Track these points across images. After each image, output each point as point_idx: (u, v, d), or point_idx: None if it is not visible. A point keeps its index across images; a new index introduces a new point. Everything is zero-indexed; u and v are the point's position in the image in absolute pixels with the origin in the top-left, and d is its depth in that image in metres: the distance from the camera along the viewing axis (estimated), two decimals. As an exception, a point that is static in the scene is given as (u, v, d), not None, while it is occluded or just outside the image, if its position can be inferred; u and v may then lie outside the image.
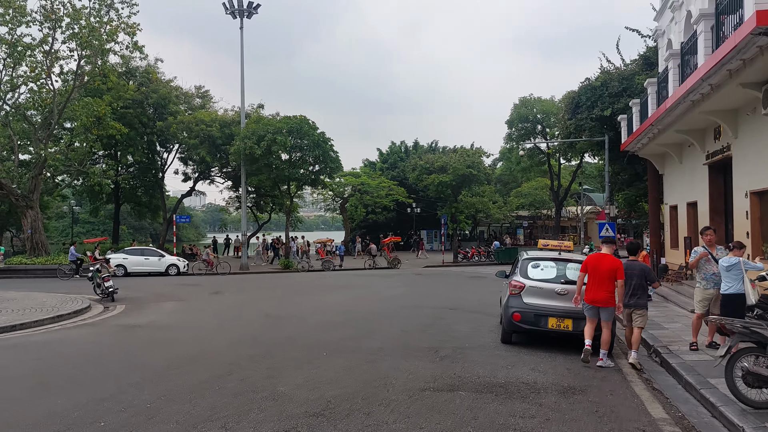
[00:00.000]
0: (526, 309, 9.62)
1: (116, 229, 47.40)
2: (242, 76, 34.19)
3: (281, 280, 25.95)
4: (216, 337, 10.55)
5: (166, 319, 13.40)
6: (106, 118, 32.85)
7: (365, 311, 14.06)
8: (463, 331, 11.18)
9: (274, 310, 14.63)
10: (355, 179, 47.70)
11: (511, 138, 46.66)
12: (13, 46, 29.45)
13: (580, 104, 28.04)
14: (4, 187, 30.91)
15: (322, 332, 10.88)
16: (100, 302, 17.26)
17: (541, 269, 10.07)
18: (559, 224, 50.24)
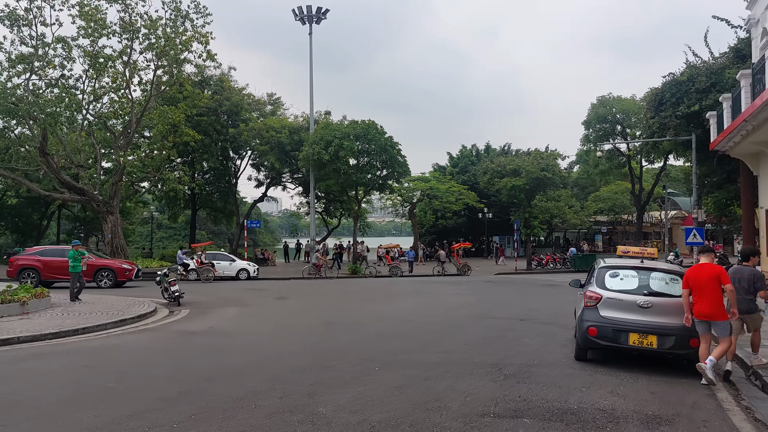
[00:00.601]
0: (603, 323, 8.60)
1: (193, 234, 48.83)
2: (311, 82, 34.31)
3: (348, 285, 25.58)
4: (269, 346, 10.12)
5: (225, 325, 13.17)
6: (181, 126, 33.75)
7: (427, 321, 13.31)
8: (533, 345, 10.24)
9: (334, 317, 14.15)
10: (424, 184, 47.00)
11: (589, 139, 44.46)
12: (94, 58, 30.71)
13: (664, 101, 26.18)
14: (87, 194, 32.26)
15: (379, 343, 10.24)
16: (167, 306, 17.38)
17: (620, 279, 9.00)
18: (641, 230, 47.47)
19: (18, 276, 22.99)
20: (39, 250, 25.29)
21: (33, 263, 23.62)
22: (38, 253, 24.53)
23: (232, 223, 49.14)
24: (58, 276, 23.11)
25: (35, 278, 23.06)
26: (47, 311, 14.81)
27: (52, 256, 23.94)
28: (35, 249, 26.05)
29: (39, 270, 23.41)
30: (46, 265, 23.48)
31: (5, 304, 13.74)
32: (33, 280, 22.64)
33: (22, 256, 24.46)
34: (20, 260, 23.88)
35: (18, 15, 28.85)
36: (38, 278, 23.13)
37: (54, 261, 23.42)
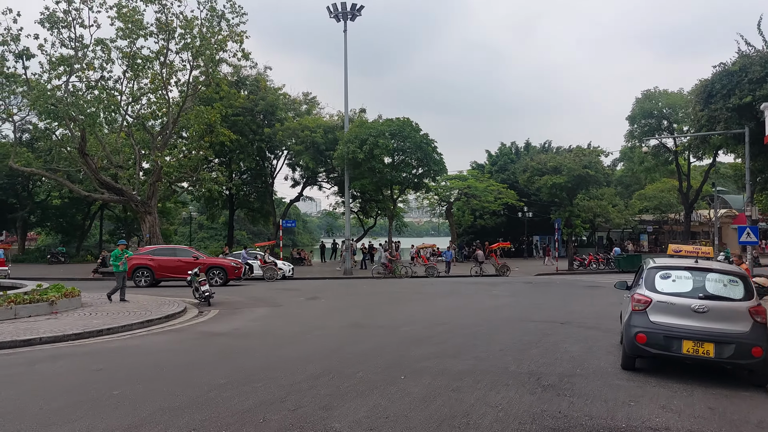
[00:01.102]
0: (653, 329, 7.79)
1: (231, 234, 49.16)
2: (345, 80, 33.86)
3: (382, 286, 25.01)
4: (292, 349, 9.62)
5: (251, 326, 12.76)
6: (217, 126, 33.78)
7: (461, 324, 12.62)
8: (574, 351, 9.45)
9: (363, 319, 13.59)
10: (461, 182, 46.12)
11: (633, 135, 42.82)
12: (132, 59, 30.95)
13: (714, 93, 24.78)
14: (125, 194, 32.56)
15: (408, 348, 9.61)
16: (197, 306, 17.14)
17: (672, 280, 8.16)
18: (689, 229, 45.54)
19: (132, 275, 23.28)
20: (151, 250, 25.66)
21: (146, 262, 24.03)
22: (151, 253, 24.92)
23: (269, 223, 49.19)
24: (170, 275, 23.84)
25: (149, 277, 23.71)
26: (77, 311, 14.69)
27: (163, 256, 24.51)
28: (148, 248, 26.43)
29: (152, 269, 23.90)
30: (159, 264, 23.98)
31: (33, 303, 13.65)
32: (146, 279, 23.55)
33: (135, 256, 24.60)
34: (134, 260, 23.92)
35: (57, 18, 29.26)
36: (152, 277, 23.74)
37: (166, 260, 24.09)
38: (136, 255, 24.74)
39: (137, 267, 23.69)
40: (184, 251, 25.77)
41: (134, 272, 23.44)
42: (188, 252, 25.64)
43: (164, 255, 24.54)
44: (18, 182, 43.90)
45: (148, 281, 23.61)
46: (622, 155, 56.15)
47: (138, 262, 23.85)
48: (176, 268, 23.67)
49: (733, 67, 24.06)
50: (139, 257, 24.37)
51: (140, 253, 25.00)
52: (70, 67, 29.68)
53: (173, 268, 23.71)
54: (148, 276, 23.74)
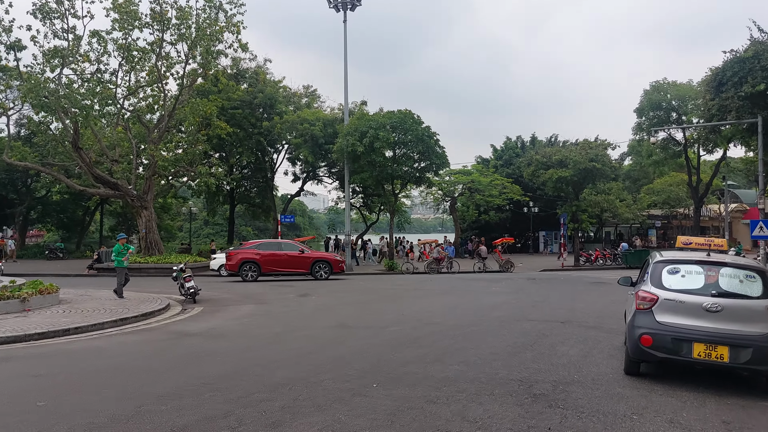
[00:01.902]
0: (660, 330, 6.94)
1: (231, 230, 48.48)
2: (345, 71, 33.02)
3: (380, 282, 24.22)
4: (263, 352, 8.81)
5: (230, 325, 11.99)
6: (213, 118, 33.02)
7: (454, 324, 11.79)
8: (572, 355, 8.61)
9: (351, 318, 12.79)
10: (465, 177, 45.19)
11: (641, 128, 41.62)
12: (127, 50, 30.24)
13: (725, 81, 23.77)
14: (121, 189, 31.89)
15: (391, 351, 8.80)
16: (183, 303, 16.43)
17: (681, 276, 7.28)
18: (698, 224, 44.38)
19: (239, 269, 23.68)
20: (257, 244, 25.82)
21: (253, 256, 24.06)
22: (256, 247, 25.05)
23: (269, 218, 48.50)
24: (276, 269, 24.07)
25: (256, 271, 23.78)
26: (51, 309, 13.97)
27: (269, 250, 24.66)
28: (253, 242, 26.71)
29: (259, 263, 23.89)
30: (265, 258, 24.01)
31: (4, 300, 12.93)
32: (253, 273, 23.66)
33: (242, 250, 24.89)
34: (241, 254, 24.29)
35: (50, 8, 28.57)
36: (258, 271, 23.82)
37: (272, 254, 24.28)
38: (242, 249, 25.04)
39: (245, 261, 23.88)
40: (289, 245, 26.25)
41: (241, 266, 23.74)
42: (294, 246, 26.03)
43: (270, 249, 24.75)
44: (17, 177, 43.37)
45: (255, 275, 23.74)
46: (630, 149, 54.96)
47: (245, 257, 24.06)
48: (282, 262, 24.12)
49: (745, 54, 23.04)
50: (245, 251, 24.54)
51: (246, 248, 25.10)
52: (63, 59, 29.02)
53: (279, 261, 24.09)
54: (255, 270, 23.81)
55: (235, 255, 24.32)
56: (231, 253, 24.88)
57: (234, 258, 24.10)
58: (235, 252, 24.90)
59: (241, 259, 23.87)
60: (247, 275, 23.68)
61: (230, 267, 24.12)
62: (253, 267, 23.77)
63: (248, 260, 23.87)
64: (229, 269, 24.35)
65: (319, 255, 25.98)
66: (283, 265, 24.14)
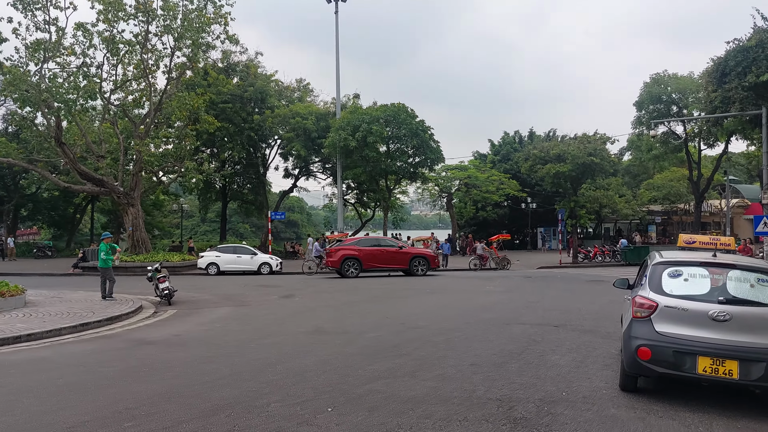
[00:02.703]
0: (660, 342, 6.09)
1: (223, 227, 47.63)
2: (337, 63, 32.20)
3: (370, 281, 23.32)
4: (221, 364, 7.93)
5: (197, 331, 11.17)
6: (201, 113, 32.13)
7: (439, 328, 10.95)
8: (563, 365, 7.76)
9: (330, 322, 11.95)
10: (462, 173, 44.34)
11: (641, 122, 40.64)
12: (112, 42, 29.35)
13: (728, 71, 22.88)
14: (106, 185, 31.04)
15: (362, 362, 7.95)
16: (158, 305, 15.61)
17: (684, 280, 6.43)
18: (699, 219, 43.49)
19: (341, 266, 23.91)
20: (356, 240, 26.14)
21: (354, 253, 24.18)
22: (356, 243, 25.27)
23: (263, 215, 47.65)
24: (376, 265, 24.17)
25: (357, 268, 24.00)
26: (12, 312, 13.13)
27: (368, 246, 24.82)
28: (353, 239, 27.02)
29: (360, 259, 24.01)
30: (366, 254, 24.14)
31: (-41, 303, 12.12)
32: (354, 270, 23.89)
33: (343, 247, 24.85)
34: (342, 250, 24.33)
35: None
36: (360, 267, 24.02)
37: (372, 250, 24.39)
38: (343, 246, 24.99)
39: (346, 257, 24.04)
40: (387, 241, 26.61)
41: (343, 262, 23.93)
42: (392, 242, 26.32)
43: (369, 245, 24.89)
44: (5, 174, 42.49)
45: (356, 272, 23.98)
46: (630, 144, 54.08)
47: (346, 253, 24.20)
48: (381, 258, 24.20)
49: (748, 43, 22.14)
50: (347, 248, 24.61)
51: (347, 244, 25.18)
52: (46, 51, 28.14)
53: (379, 258, 24.15)
54: (357, 267, 24.03)
55: (337, 252, 24.37)
56: (332, 250, 24.81)
57: (336, 255, 24.18)
58: (335, 249, 24.80)
59: (342, 255, 23.95)
60: (349, 271, 23.82)
61: (332, 263, 24.22)
62: (355, 264, 23.91)
63: (350, 257, 23.94)
64: (331, 266, 24.47)
65: (416, 251, 25.88)
66: (382, 261, 24.18)
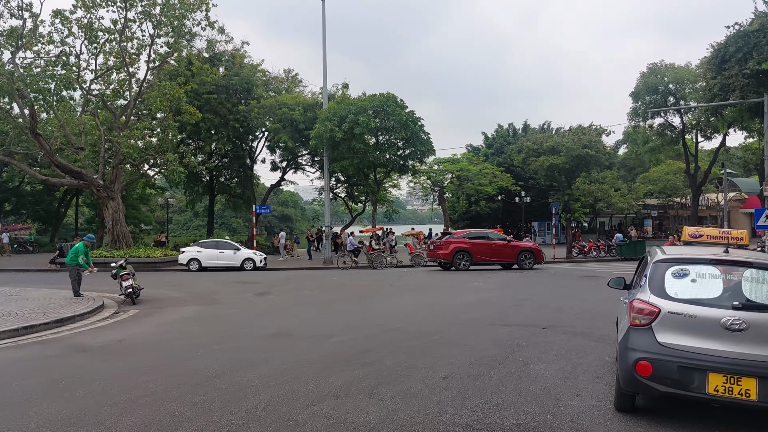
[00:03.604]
0: (662, 356, 5.09)
1: (211, 222, 46.51)
2: (324, 51, 30.97)
3: (356, 278, 22.39)
4: (151, 377, 6.86)
5: (150, 334, 10.16)
6: (182, 103, 30.99)
7: (416, 330, 9.95)
8: (549, 376, 6.77)
9: (299, 324, 10.95)
10: (454, 165, 43.29)
11: (637, 113, 39.71)
12: (90, 29, 28.23)
13: (728, 57, 21.89)
14: (85, 178, 29.93)
15: (318, 373, 6.94)
16: (121, 304, 14.60)
17: (691, 280, 5.42)
18: (696, 213, 42.65)
19: (453, 258, 23.93)
20: (466, 233, 25.89)
21: (466, 246, 24.24)
22: (466, 237, 25.13)
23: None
24: (486, 258, 24.28)
25: (468, 261, 23.97)
26: (-42, 313, 12.09)
27: (478, 239, 24.91)
28: (462, 232, 26.67)
29: (471, 252, 24.07)
30: (476, 248, 24.23)
31: None
32: (465, 263, 23.86)
33: (454, 240, 24.79)
34: (453, 243, 24.38)
35: (0, -16, 26.52)
36: (471, 260, 24.05)
37: (482, 243, 24.59)
38: (454, 239, 24.82)
39: (458, 250, 24.07)
40: (496, 234, 26.59)
41: (455, 255, 23.99)
42: (501, 235, 26.47)
43: (479, 239, 24.96)
44: (-14, 167, 41.29)
45: (467, 264, 24.02)
46: (626, 137, 53.20)
47: (458, 246, 24.21)
48: (491, 252, 24.38)
49: (750, 28, 21.15)
50: (458, 241, 24.57)
51: (457, 237, 25.07)
52: (19, 39, 27.00)
53: (489, 251, 24.32)
54: (467, 260, 24.05)
55: (448, 244, 24.39)
56: (443, 242, 24.80)
57: (447, 247, 24.22)
58: (446, 241, 24.75)
59: (454, 248, 24.02)
60: (460, 264, 23.88)
61: (444, 256, 24.21)
62: (465, 256, 23.96)
63: (461, 250, 23.99)
64: (443, 258, 24.35)
65: (524, 245, 25.85)
66: (492, 254, 24.31)
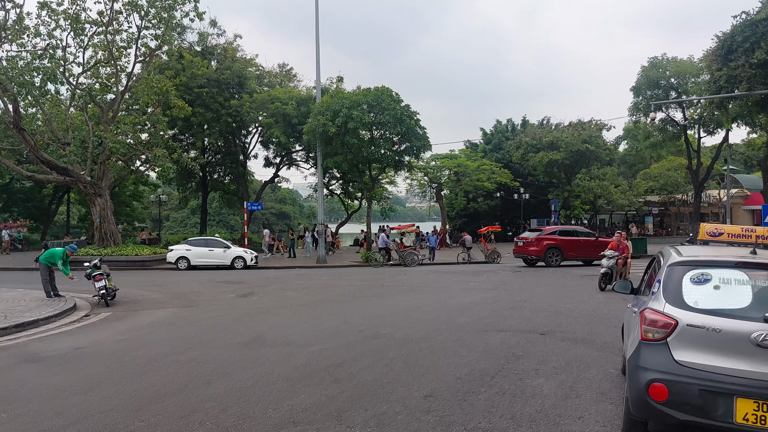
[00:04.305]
0: (681, 377, 4.26)
1: (204, 219, 45.67)
2: (317, 43, 30.10)
3: (347, 277, 21.60)
4: (92, 397, 6.09)
5: (113, 341, 9.36)
6: (170, 96, 30.15)
7: (402, 337, 9.13)
8: (547, 394, 5.96)
9: (276, 330, 10.13)
10: (451, 161, 42.43)
11: (638, 108, 38.84)
12: (76, 21, 27.42)
13: (735, 47, 21.03)
14: (71, 174, 29.12)
15: (283, 391, 6.12)
16: (95, 305, 13.81)
17: (714, 287, 4.58)
18: (698, 210, 41.84)
19: (545, 255, 24.27)
20: (556, 230, 26.14)
21: (557, 243, 24.49)
22: (556, 233, 25.40)
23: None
24: (575, 254, 24.48)
25: (559, 257, 24.22)
26: None
27: (568, 236, 25.19)
28: (552, 228, 26.87)
29: (562, 249, 24.33)
30: (566, 244, 24.45)
31: None
32: (557, 259, 24.15)
33: (545, 236, 24.94)
34: (545, 240, 24.61)
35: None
36: (561, 256, 24.24)
37: (572, 240, 24.76)
38: (545, 236, 25.01)
39: (550, 247, 24.37)
40: (583, 231, 26.90)
41: (547, 251, 24.30)
42: (589, 232, 26.73)
43: (568, 235, 25.31)
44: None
45: (558, 260, 24.27)
46: (626, 133, 52.40)
47: (549, 243, 24.49)
48: (581, 248, 24.43)
49: (757, 16, 20.28)
50: (549, 238, 24.83)
51: (547, 234, 25.30)
52: (2, 31, 26.17)
53: (578, 248, 24.42)
54: (558, 256, 24.30)
55: (540, 241, 24.60)
56: (534, 239, 24.94)
57: (540, 244, 24.45)
58: (538, 238, 24.92)
59: (546, 245, 24.28)
60: (552, 260, 24.14)
61: (536, 252, 24.47)
62: (557, 252, 24.20)
63: (553, 246, 24.24)
64: (535, 255, 24.60)
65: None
66: (582, 251, 24.39)
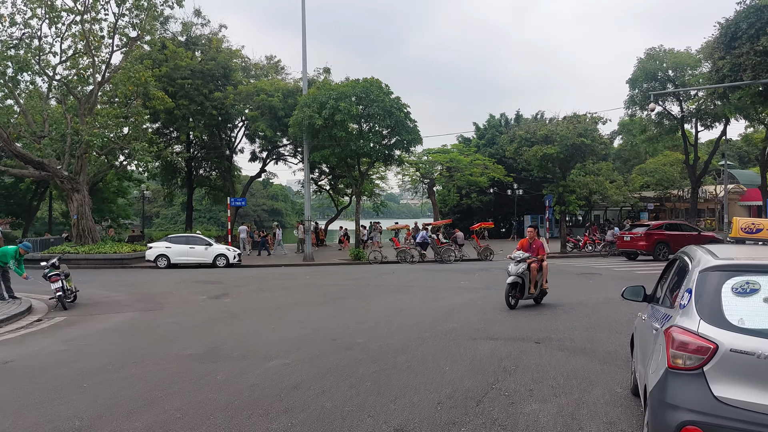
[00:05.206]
0: (723, 419, 3.18)
1: (189, 216, 44.42)
2: (303, 31, 28.96)
3: (334, 275, 20.56)
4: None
5: (47, 353, 8.29)
6: (149, 87, 28.94)
7: (378, 347, 8.05)
8: (543, 425, 4.86)
9: (237, 338, 9.02)
10: (444, 156, 41.35)
11: (634, 101, 37.79)
12: (51, 9, 26.21)
13: (739, 34, 20.01)
14: (47, 168, 27.87)
15: (218, 424, 5.06)
16: (53, 308, 12.70)
17: (763, 299, 3.48)
18: (695, 206, 40.94)
19: (654, 249, 24.54)
20: (662, 225, 26.21)
21: (665, 237, 24.83)
22: (663, 228, 25.66)
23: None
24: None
25: (667, 251, 23.94)
26: None
27: (674, 231, 25.35)
28: (659, 223, 26.82)
29: (669, 244, 24.24)
30: (673, 239, 24.35)
31: None
32: (665, 253, 23.90)
33: (654, 231, 25.27)
34: (654, 235, 24.95)
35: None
36: (669, 251, 23.72)
37: (678, 235, 24.74)
38: (653, 230, 25.28)
39: (659, 241, 24.71)
40: (687, 227, 26.98)
41: (656, 246, 24.64)
42: (693, 227, 26.97)
43: (675, 230, 25.53)
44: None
45: (667, 254, 24.04)
46: (621, 127, 51.47)
47: (658, 237, 24.86)
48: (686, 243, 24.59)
49: (762, 2, 19.27)
50: (657, 233, 25.13)
51: (655, 229, 25.48)
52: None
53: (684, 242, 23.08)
54: (667, 250, 24.25)
55: (649, 236, 24.91)
56: (644, 234, 25.29)
57: (649, 240, 24.79)
58: (647, 233, 25.23)
59: (655, 240, 24.69)
60: (660, 254, 24.29)
61: (645, 247, 24.77)
62: (665, 247, 24.38)
63: (661, 241, 24.66)
64: (644, 249, 24.85)
65: (711, 236, 25.89)
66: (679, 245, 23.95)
